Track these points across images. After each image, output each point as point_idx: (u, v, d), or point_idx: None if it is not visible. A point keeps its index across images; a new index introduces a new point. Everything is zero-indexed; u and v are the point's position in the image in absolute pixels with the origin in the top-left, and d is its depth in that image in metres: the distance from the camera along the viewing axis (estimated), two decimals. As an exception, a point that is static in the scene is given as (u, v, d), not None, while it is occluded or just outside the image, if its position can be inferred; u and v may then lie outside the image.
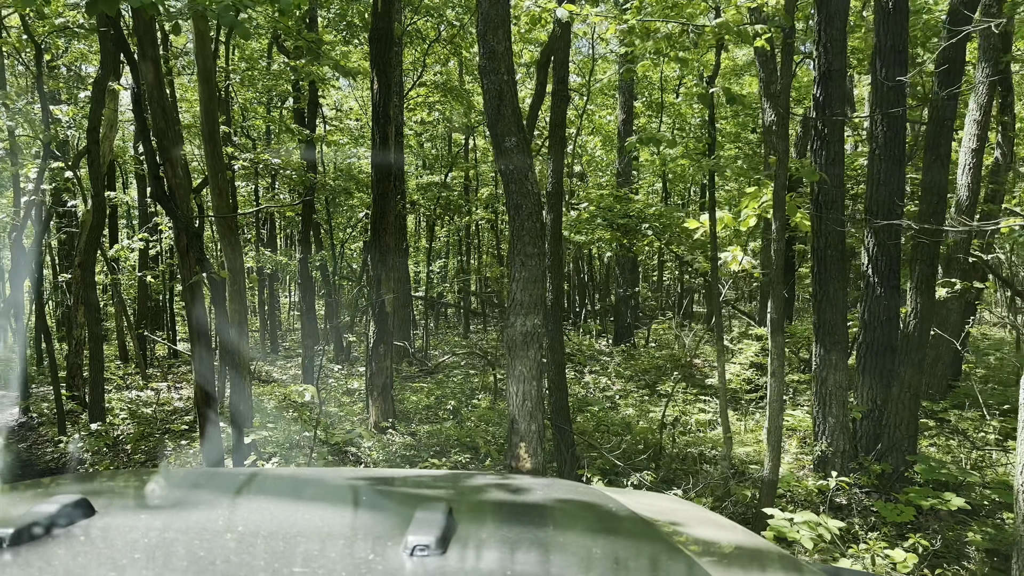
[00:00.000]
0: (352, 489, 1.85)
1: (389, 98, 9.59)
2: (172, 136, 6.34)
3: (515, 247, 3.86)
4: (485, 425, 9.05)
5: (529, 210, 3.82)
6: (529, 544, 1.33)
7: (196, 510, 1.57)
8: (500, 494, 1.80)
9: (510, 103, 3.80)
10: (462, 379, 13.14)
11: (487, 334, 22.93)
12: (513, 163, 3.80)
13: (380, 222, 9.67)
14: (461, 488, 1.92)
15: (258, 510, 1.61)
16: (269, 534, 1.36)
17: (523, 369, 3.77)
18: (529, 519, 1.59)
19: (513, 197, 3.85)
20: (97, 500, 1.40)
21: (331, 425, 9.28)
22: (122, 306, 16.54)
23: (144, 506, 1.62)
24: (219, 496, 1.71)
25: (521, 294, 3.79)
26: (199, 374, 6.84)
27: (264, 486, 1.85)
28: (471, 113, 17.76)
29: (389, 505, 1.68)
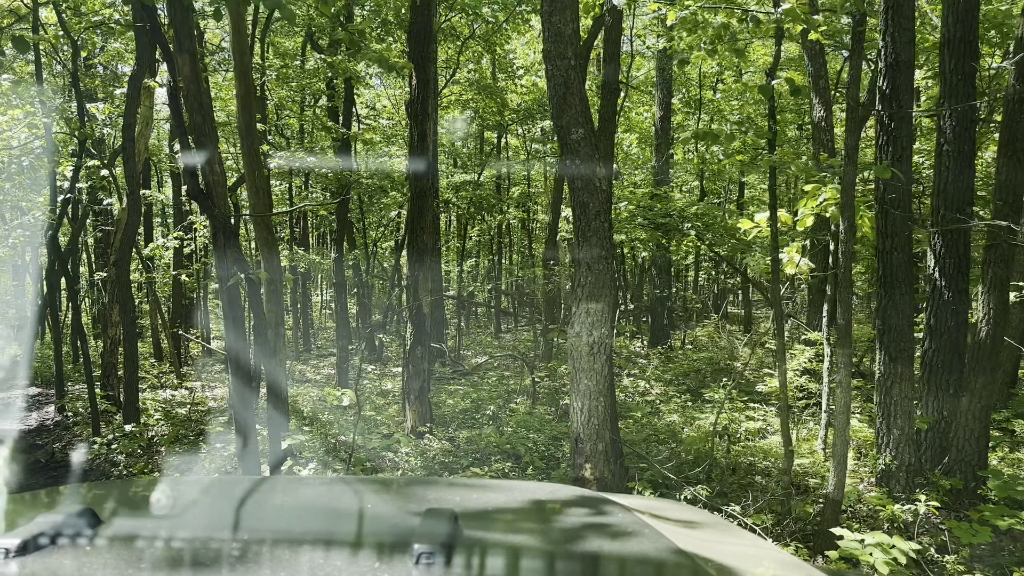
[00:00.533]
0: (359, 496, 1.83)
1: (427, 95, 9.28)
2: (209, 131, 6.06)
3: (580, 249, 3.51)
4: (525, 431, 8.69)
5: (596, 209, 3.46)
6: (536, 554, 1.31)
7: (201, 519, 1.57)
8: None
9: (577, 91, 3.44)
10: (496, 381, 12.80)
11: (518, 334, 22.58)
12: (580, 157, 3.45)
13: (417, 221, 9.36)
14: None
15: (263, 518, 1.60)
16: (274, 542, 1.34)
17: (589, 383, 3.41)
18: (541, 531, 1.56)
19: (578, 195, 3.50)
20: (103, 510, 1.40)
21: (367, 429, 8.99)
22: (157, 304, 16.45)
23: (150, 515, 1.62)
24: (224, 505, 1.70)
25: (587, 301, 3.43)
26: (235, 377, 6.57)
27: (269, 494, 1.84)
28: (505, 111, 17.45)
29: (395, 512, 1.66)
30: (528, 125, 18.37)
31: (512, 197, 21.94)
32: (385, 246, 23.94)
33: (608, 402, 3.46)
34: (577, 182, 3.51)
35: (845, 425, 6.05)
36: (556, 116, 3.53)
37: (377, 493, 1.87)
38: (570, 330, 3.51)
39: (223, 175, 6.35)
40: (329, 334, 25.32)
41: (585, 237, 3.50)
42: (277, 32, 15.73)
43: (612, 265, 3.55)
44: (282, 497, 1.81)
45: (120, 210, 11.07)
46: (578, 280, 3.46)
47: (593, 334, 3.43)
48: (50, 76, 13.64)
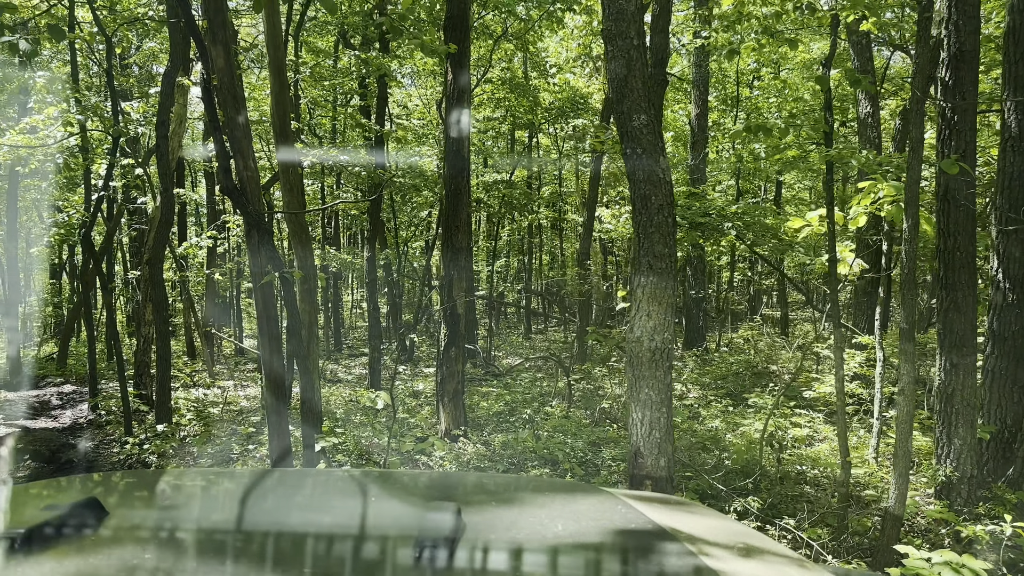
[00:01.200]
0: (364, 489, 1.82)
1: (464, 89, 9.01)
2: (243, 125, 5.85)
3: (641, 246, 3.21)
4: (562, 436, 8.39)
5: (660, 203, 3.16)
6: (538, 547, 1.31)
7: (206, 510, 1.57)
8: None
9: (640, 74, 3.14)
10: (529, 383, 12.50)
11: (548, 335, 22.26)
12: (642, 146, 3.15)
13: (452, 219, 9.11)
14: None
15: (267, 510, 1.60)
16: (278, 533, 1.35)
17: (651, 393, 3.12)
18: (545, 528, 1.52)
19: (640, 187, 3.20)
20: (108, 501, 1.39)
21: (400, 432, 8.75)
22: (190, 303, 16.42)
23: (155, 507, 1.61)
24: (229, 496, 1.69)
25: (648, 303, 3.13)
26: (269, 378, 6.36)
27: (274, 486, 1.83)
28: (537, 110, 17.15)
29: (400, 505, 1.67)
30: (560, 123, 18.06)
31: (543, 197, 21.63)
32: (415, 246, 23.78)
33: (670, 413, 3.16)
34: (638, 173, 3.21)
35: (907, 436, 5.67)
36: (616, 101, 3.24)
37: (383, 486, 1.86)
38: (629, 335, 3.21)
39: (256, 171, 6.14)
40: (359, 333, 25.22)
41: (647, 233, 3.20)
42: (310, 31, 15.60)
43: (676, 264, 3.24)
44: (285, 487, 1.80)
45: (154, 209, 10.97)
46: (638, 281, 3.16)
47: (655, 339, 3.13)
48: (86, 76, 13.62)
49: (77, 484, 1.80)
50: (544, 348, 18.65)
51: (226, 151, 5.77)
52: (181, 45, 9.22)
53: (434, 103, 24.29)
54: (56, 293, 20.44)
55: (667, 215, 3.20)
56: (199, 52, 5.75)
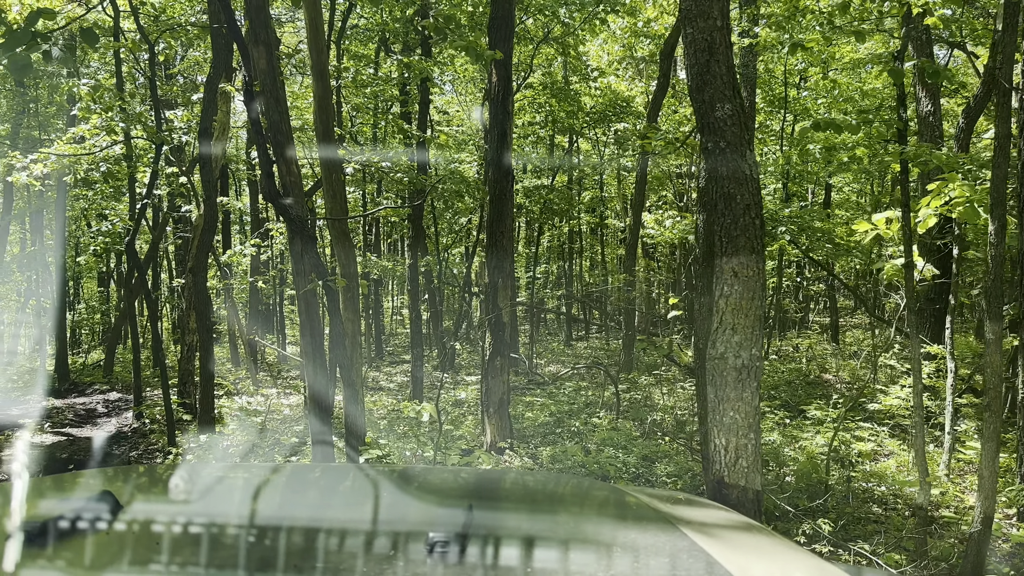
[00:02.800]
0: (377, 484, 1.80)
1: (508, 92, 8.71)
2: (286, 130, 5.61)
3: (723, 251, 2.85)
4: (612, 450, 8.00)
5: (746, 202, 2.80)
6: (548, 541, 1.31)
7: (219, 504, 1.56)
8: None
9: (724, 59, 2.79)
10: (574, 392, 12.12)
11: (589, 342, 21.82)
12: (725, 139, 2.80)
13: (496, 224, 8.80)
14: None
15: (281, 504, 1.59)
16: (291, 527, 1.34)
17: (736, 417, 2.75)
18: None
19: (722, 184, 2.84)
20: (122, 494, 1.39)
21: (445, 444, 8.45)
22: (234, 311, 16.38)
23: (168, 500, 1.60)
24: (241, 490, 1.67)
25: (732, 315, 2.77)
26: (312, 389, 6.09)
27: (287, 480, 1.80)
28: (578, 114, 16.79)
29: (412, 501, 1.65)
30: (602, 128, 17.66)
31: (583, 202, 21.24)
32: (455, 252, 23.56)
33: (759, 440, 2.78)
34: (721, 169, 2.85)
35: (995, 453, 5.17)
36: (696, 89, 2.89)
37: (395, 481, 1.83)
38: (710, 351, 2.84)
39: (299, 177, 5.89)
40: (399, 340, 25.07)
41: (730, 237, 2.84)
42: (350, 38, 15.47)
43: (764, 272, 2.87)
44: (300, 482, 1.77)
45: (197, 217, 10.86)
46: (720, 290, 2.80)
47: (741, 356, 2.77)
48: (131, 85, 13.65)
49: (91, 478, 1.77)
50: (586, 356, 18.24)
51: (268, 156, 5.52)
52: (224, 52, 9.09)
53: (473, 109, 24.12)
54: (104, 301, 20.65)
55: (754, 216, 2.84)
56: (240, 53, 5.53)
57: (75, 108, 8.98)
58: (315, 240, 5.62)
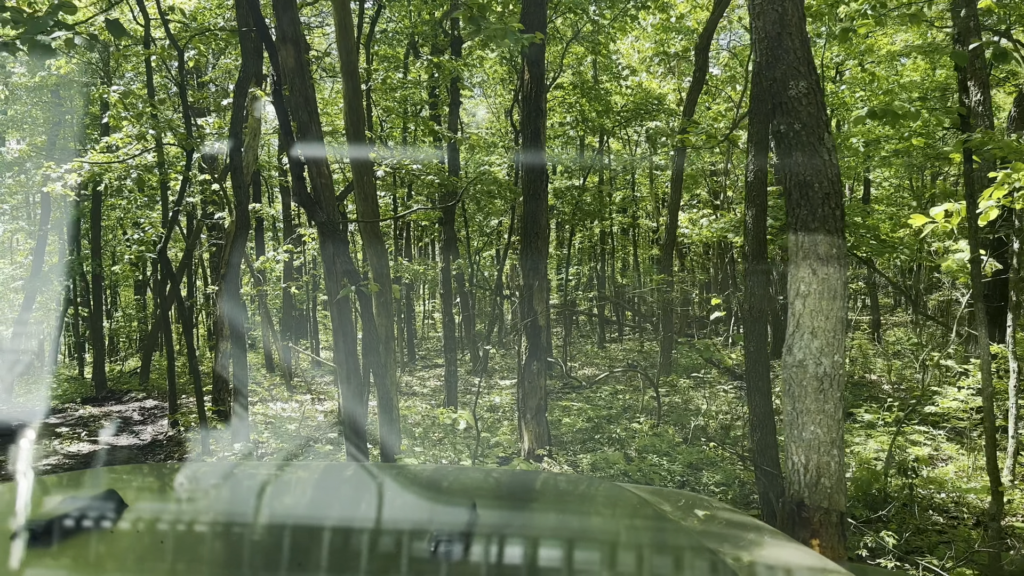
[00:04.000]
0: (379, 483, 1.78)
1: (541, 90, 8.43)
2: (315, 130, 5.39)
3: (799, 246, 2.54)
4: (654, 456, 7.66)
5: (825, 191, 2.48)
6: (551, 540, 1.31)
7: (223, 503, 1.55)
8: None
9: (797, 31, 2.48)
10: (610, 396, 11.78)
11: (622, 344, 21.42)
12: (800, 121, 2.48)
13: (531, 225, 8.51)
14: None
15: (285, 502, 1.58)
16: (295, 526, 1.33)
17: (818, 431, 2.43)
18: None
19: (796, 172, 2.53)
20: (127, 493, 1.37)
21: (481, 452, 8.18)
22: (268, 317, 16.30)
23: (172, 499, 1.60)
24: (248, 490, 1.65)
25: (811, 318, 2.46)
26: (346, 397, 5.86)
27: (293, 479, 1.78)
28: (609, 114, 16.45)
29: (416, 500, 1.63)
30: (633, 126, 17.30)
31: (614, 202, 20.87)
32: (486, 255, 23.33)
33: (842, 457, 2.46)
34: (795, 155, 2.54)
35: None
36: (766, 66, 2.58)
37: (399, 480, 1.81)
38: (787, 358, 2.52)
39: (330, 179, 5.67)
40: (431, 344, 24.88)
41: (808, 229, 2.53)
42: (379, 41, 15.31)
43: (846, 268, 2.54)
44: (304, 481, 1.75)
45: (229, 223, 10.74)
46: (796, 290, 2.49)
47: (823, 363, 2.45)
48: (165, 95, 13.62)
49: (97, 476, 1.75)
50: (620, 358, 17.86)
51: (299, 158, 5.30)
52: (253, 56, 8.93)
53: (502, 112, 23.87)
54: (140, 309, 20.76)
55: (834, 206, 2.52)
56: (268, 51, 5.32)
57: (106, 116, 8.90)
58: (347, 243, 5.39)
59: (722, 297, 9.07)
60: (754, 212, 5.70)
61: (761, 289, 5.77)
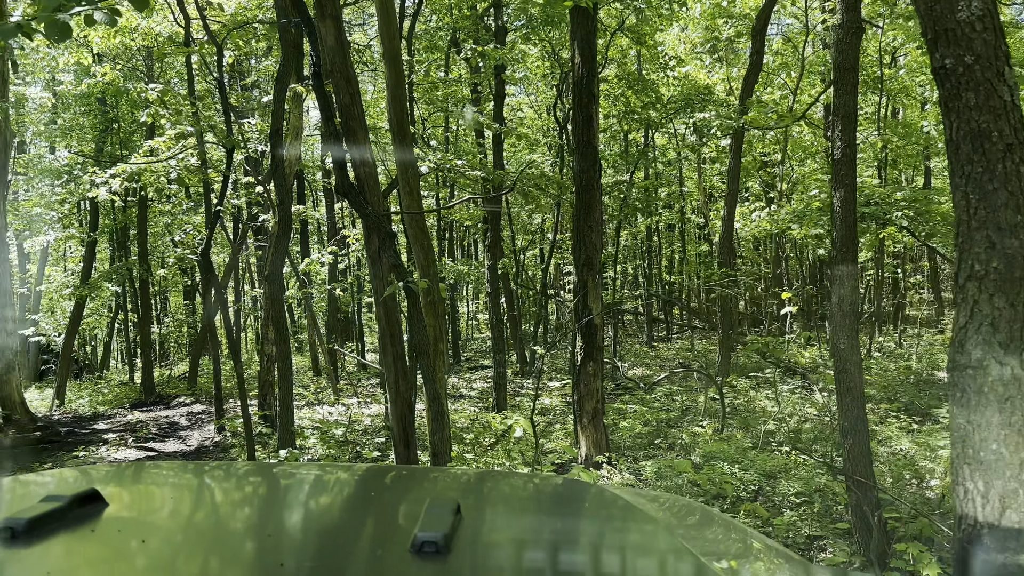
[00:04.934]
0: (361, 484, 1.76)
1: (593, 73, 7.88)
2: (358, 114, 4.93)
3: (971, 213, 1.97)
4: (722, 463, 7.03)
5: (1007, 141, 1.92)
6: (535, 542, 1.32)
7: (206, 504, 1.53)
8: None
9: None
10: (666, 397, 11.14)
11: (671, 343, 20.68)
12: (973, 51, 1.92)
13: (584, 218, 7.96)
14: None
15: (268, 504, 1.56)
16: (278, 527, 1.33)
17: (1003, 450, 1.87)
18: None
19: (970, 118, 1.96)
20: (108, 492, 1.36)
21: (536, 459, 7.65)
22: (313, 320, 16.03)
23: (154, 499, 1.58)
24: (230, 491, 1.64)
25: (989, 304, 1.89)
26: (395, 404, 5.39)
27: (276, 480, 1.74)
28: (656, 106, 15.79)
29: (399, 502, 1.58)
30: (681, 118, 16.60)
31: (661, 198, 20.17)
32: (530, 255, 22.81)
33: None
34: (967, 95, 1.97)
35: None
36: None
37: (384, 481, 1.77)
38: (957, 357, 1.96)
39: (375, 167, 5.20)
40: (475, 345, 24.45)
41: (983, 193, 1.96)
42: (420, 38, 14.92)
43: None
44: (288, 482, 1.72)
45: (273, 224, 10.42)
46: (968, 269, 1.92)
47: (1009, 363, 1.87)
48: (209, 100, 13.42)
49: (78, 475, 1.72)
50: (670, 358, 17.16)
51: (340, 144, 4.83)
52: (292, 50, 8.55)
53: (544, 110, 23.33)
54: (189, 314, 20.74)
55: (1018, 161, 1.94)
56: (307, 32, 4.88)
57: (144, 114, 8.63)
58: (394, 237, 4.92)
59: (793, 291, 8.38)
60: (843, 194, 5.07)
61: (851, 280, 5.13)
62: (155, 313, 21.94)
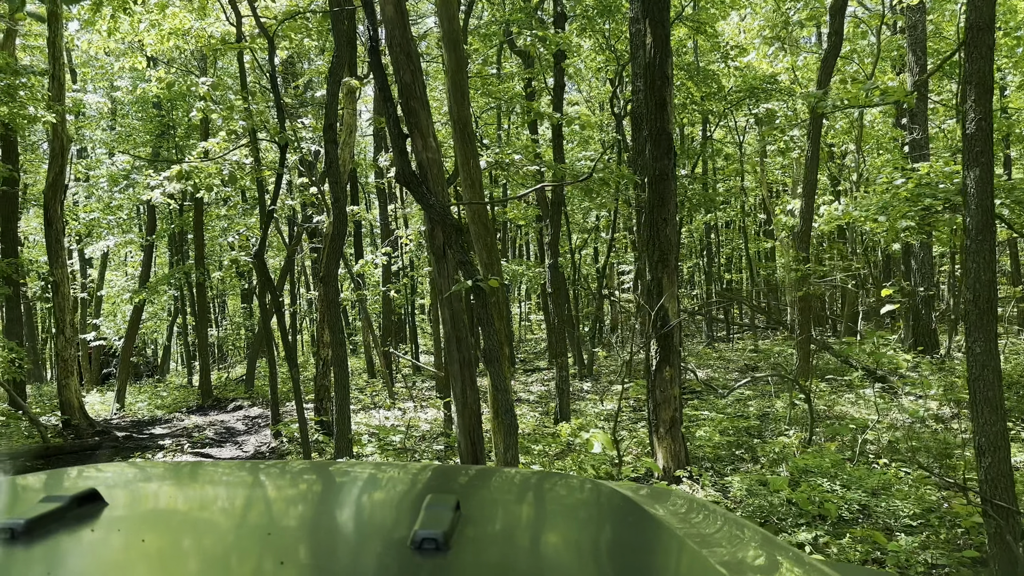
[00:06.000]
0: (359, 481, 1.72)
1: (667, 53, 7.19)
2: (419, 93, 4.35)
3: None
4: (818, 479, 6.25)
5: None
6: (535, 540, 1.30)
7: (205, 503, 1.52)
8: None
9: None
10: (736, 402, 10.35)
11: (732, 344, 19.75)
12: None
13: (658, 211, 7.27)
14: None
15: (268, 502, 1.55)
16: (278, 526, 1.32)
17: None
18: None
19: None
20: (108, 492, 1.34)
21: (611, 473, 6.99)
22: (368, 322, 15.65)
23: (154, 498, 1.55)
24: (229, 490, 1.60)
25: None
26: (462, 416, 4.80)
27: (277, 478, 1.72)
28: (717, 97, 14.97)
29: (398, 498, 1.60)
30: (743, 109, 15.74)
31: (719, 194, 19.28)
32: (585, 254, 22.12)
33: None
34: None
35: None
36: None
37: (384, 478, 1.74)
38: None
39: (438, 151, 4.61)
40: (528, 347, 23.87)
41: None
42: (473, 34, 14.40)
43: None
44: (288, 480, 1.71)
45: (327, 224, 10.00)
46: None
47: None
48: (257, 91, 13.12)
49: (77, 474, 1.71)
50: (734, 359, 16.29)
51: (400, 128, 4.27)
52: (345, 41, 8.07)
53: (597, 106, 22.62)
54: (247, 317, 20.66)
55: None
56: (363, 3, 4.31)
57: (195, 108, 8.29)
58: (461, 231, 4.33)
59: (891, 285, 7.55)
60: (978, 173, 4.29)
61: (988, 273, 4.35)
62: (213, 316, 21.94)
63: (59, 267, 10.36)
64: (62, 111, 9.68)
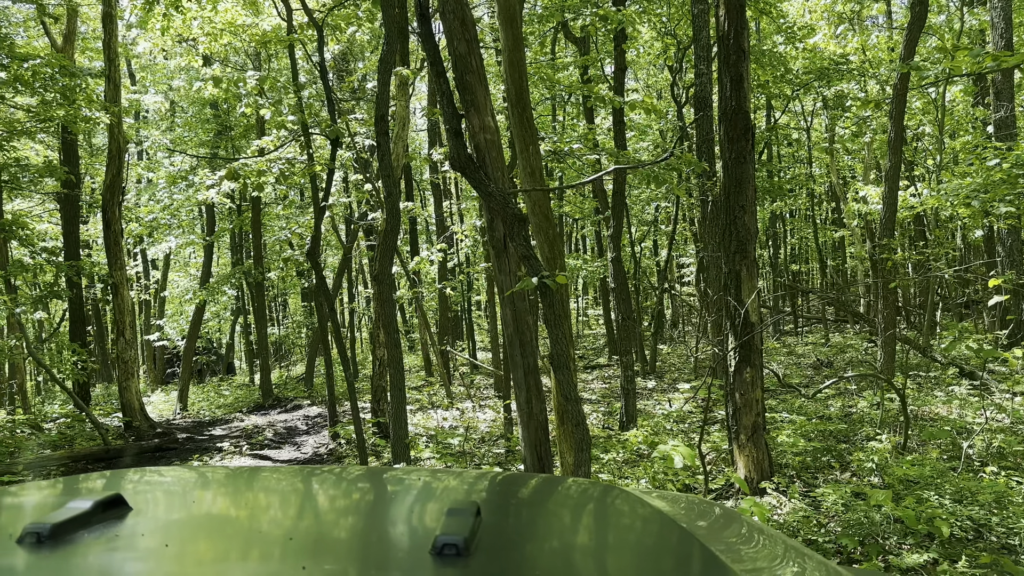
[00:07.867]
0: (379, 486, 1.71)
1: (743, 26, 6.51)
2: (476, 66, 3.84)
3: None
4: (922, 491, 5.51)
5: None
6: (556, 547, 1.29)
7: (229, 508, 1.51)
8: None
9: None
10: (819, 403, 9.55)
11: (800, 338, 18.74)
12: None
13: (735, 196, 6.59)
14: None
15: (290, 507, 1.54)
16: (301, 531, 1.31)
17: None
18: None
19: None
20: (133, 497, 1.35)
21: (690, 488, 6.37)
22: (424, 319, 15.30)
23: (179, 503, 1.55)
24: (252, 494, 1.58)
25: None
26: (529, 430, 4.29)
27: (297, 484, 1.70)
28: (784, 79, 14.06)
29: (421, 504, 1.56)
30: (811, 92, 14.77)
31: (786, 181, 18.27)
32: (644, 247, 21.35)
33: None
34: None
35: None
36: None
37: (405, 484, 1.74)
38: None
39: (497, 133, 4.08)
40: (586, 343, 23.23)
41: None
42: (528, 21, 13.84)
43: None
44: (308, 485, 1.69)
45: (381, 221, 9.62)
46: None
47: None
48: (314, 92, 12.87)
49: (103, 479, 1.69)
50: (804, 354, 15.35)
51: (453, 106, 3.76)
52: (396, 29, 7.61)
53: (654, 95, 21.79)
54: (308, 315, 20.61)
55: None
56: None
57: (242, 105, 7.99)
58: (524, 221, 3.79)
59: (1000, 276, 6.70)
60: None
61: None
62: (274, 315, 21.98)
63: (118, 269, 10.25)
64: (118, 112, 9.53)
